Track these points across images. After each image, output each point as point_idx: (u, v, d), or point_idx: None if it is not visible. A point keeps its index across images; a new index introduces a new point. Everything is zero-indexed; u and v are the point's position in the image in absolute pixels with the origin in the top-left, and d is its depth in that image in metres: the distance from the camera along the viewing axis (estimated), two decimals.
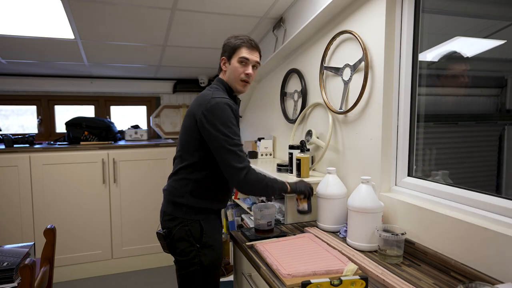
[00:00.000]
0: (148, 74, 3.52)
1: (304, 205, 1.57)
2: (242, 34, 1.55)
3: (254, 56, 1.51)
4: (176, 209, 1.47)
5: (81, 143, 3.08)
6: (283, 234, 1.52)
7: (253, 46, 1.52)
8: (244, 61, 1.49)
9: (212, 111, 1.37)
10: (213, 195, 1.49)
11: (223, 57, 1.53)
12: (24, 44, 2.45)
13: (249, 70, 1.51)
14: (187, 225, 1.45)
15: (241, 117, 1.69)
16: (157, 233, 1.50)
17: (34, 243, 1.59)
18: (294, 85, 2.29)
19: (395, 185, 1.52)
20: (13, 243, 2.85)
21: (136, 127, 3.58)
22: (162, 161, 3.26)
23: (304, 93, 2.12)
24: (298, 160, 1.79)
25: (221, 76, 1.57)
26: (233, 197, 2.64)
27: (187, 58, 2.94)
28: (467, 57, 1.48)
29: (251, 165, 1.43)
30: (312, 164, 1.96)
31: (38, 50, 2.58)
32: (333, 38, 1.77)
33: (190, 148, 1.45)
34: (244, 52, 1.49)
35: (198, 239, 1.45)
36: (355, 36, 1.59)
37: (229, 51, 1.50)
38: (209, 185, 1.46)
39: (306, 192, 1.55)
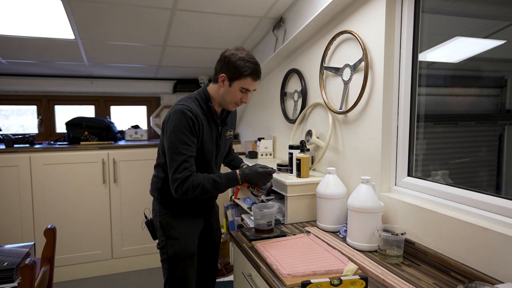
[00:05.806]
0: (148, 74, 3.52)
1: (259, 195, 1.58)
2: (246, 52, 1.45)
3: (254, 85, 1.48)
4: (154, 201, 1.64)
5: (81, 143, 3.08)
6: (283, 234, 1.52)
7: (259, 78, 1.47)
8: (245, 91, 1.47)
9: (169, 118, 1.42)
10: None
11: (224, 75, 1.43)
12: (24, 44, 2.45)
13: (247, 98, 1.51)
14: (159, 216, 1.58)
15: (229, 125, 1.71)
16: (145, 221, 1.66)
17: (34, 243, 1.59)
18: (294, 85, 2.29)
19: (395, 185, 1.52)
20: (13, 243, 2.85)
21: (136, 127, 3.58)
22: None
23: (304, 93, 2.12)
24: (298, 160, 1.79)
25: (210, 88, 1.51)
26: (233, 197, 2.64)
27: (187, 58, 2.94)
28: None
29: (191, 173, 1.38)
30: (312, 164, 1.96)
31: (38, 50, 2.58)
32: (333, 38, 1.77)
33: (160, 149, 1.56)
34: (249, 84, 1.45)
35: (165, 230, 1.56)
36: (355, 36, 1.59)
37: (233, 73, 1.42)
38: None
39: (259, 185, 1.49)
